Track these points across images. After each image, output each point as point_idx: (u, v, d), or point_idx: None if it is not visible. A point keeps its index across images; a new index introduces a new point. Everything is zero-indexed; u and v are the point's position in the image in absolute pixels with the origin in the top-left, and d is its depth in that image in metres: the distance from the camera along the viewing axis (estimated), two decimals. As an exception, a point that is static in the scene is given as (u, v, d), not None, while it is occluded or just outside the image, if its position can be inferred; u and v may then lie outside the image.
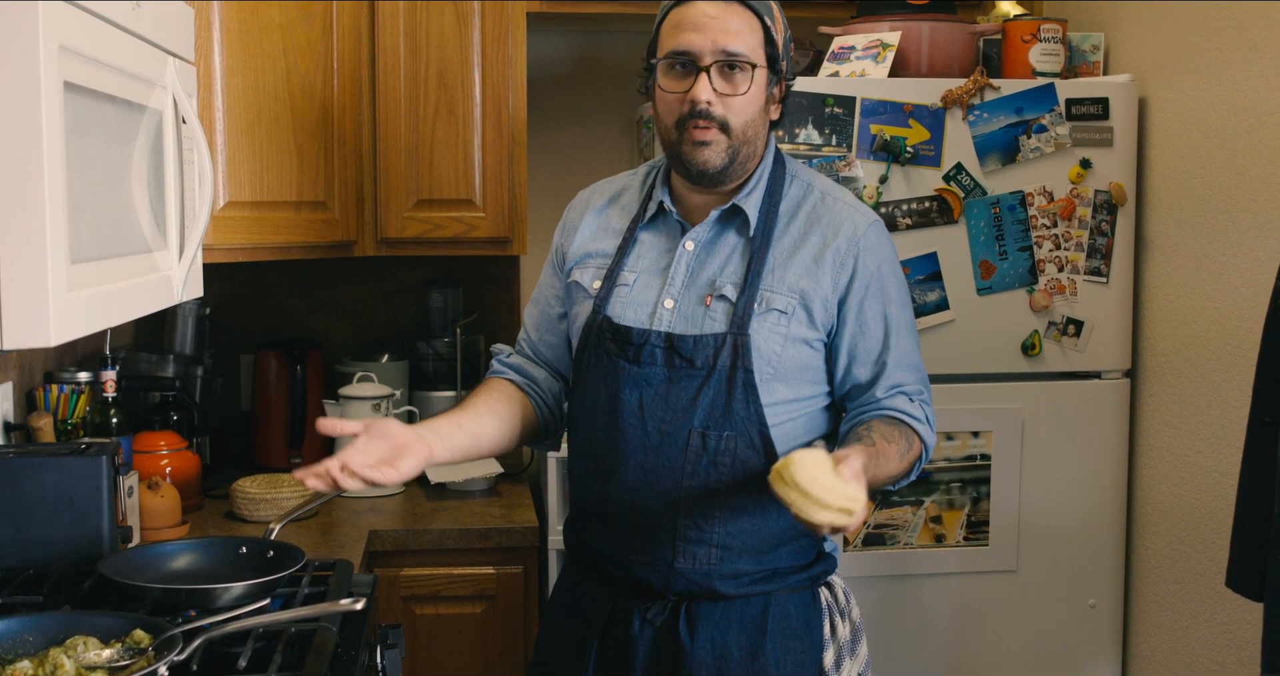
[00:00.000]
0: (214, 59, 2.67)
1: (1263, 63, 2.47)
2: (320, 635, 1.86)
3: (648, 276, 2.03)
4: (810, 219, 2.02)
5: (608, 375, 2.00)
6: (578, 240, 2.13)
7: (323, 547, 2.60)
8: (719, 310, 1.97)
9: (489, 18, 3.03)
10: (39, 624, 1.73)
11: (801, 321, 1.97)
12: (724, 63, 1.93)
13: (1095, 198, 2.81)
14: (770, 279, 1.97)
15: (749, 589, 2.00)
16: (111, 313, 1.55)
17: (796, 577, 2.03)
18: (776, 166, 2.06)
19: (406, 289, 3.51)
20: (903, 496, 2.76)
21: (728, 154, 1.96)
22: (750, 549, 1.99)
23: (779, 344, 1.96)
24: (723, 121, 1.94)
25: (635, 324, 2.00)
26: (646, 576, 2.00)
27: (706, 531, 1.97)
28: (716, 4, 1.94)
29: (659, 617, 2.00)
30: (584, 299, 2.07)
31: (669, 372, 1.96)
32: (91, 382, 2.68)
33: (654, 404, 1.96)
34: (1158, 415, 2.84)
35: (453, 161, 3.04)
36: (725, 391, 1.94)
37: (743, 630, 1.99)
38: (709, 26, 1.93)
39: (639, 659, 2.00)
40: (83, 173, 1.46)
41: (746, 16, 1.94)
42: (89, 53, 1.46)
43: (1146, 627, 2.89)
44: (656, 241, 2.06)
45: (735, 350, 1.94)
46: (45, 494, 2.11)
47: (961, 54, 2.88)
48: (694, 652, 1.97)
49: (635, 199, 2.13)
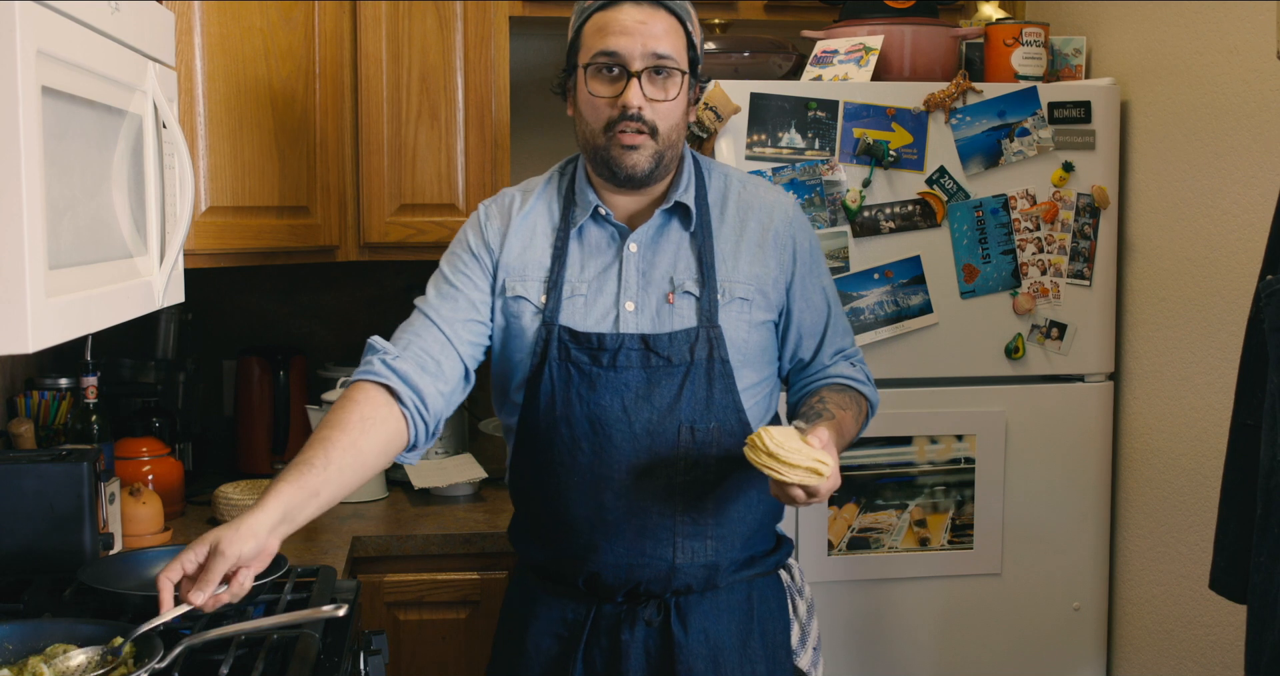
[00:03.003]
0: (195, 63, 2.66)
1: (1243, 65, 2.48)
2: (303, 642, 1.85)
3: (598, 283, 2.03)
4: (741, 207, 2.08)
5: (580, 385, 1.98)
6: (511, 248, 2.06)
7: (306, 554, 2.59)
8: (684, 306, 2.01)
9: (471, 22, 3.03)
10: (18, 632, 1.72)
11: (761, 306, 2.05)
12: (653, 68, 1.95)
13: (1078, 201, 2.82)
14: (725, 269, 2.03)
15: (734, 577, 2.05)
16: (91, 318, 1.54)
17: (766, 562, 2.11)
18: (694, 162, 2.11)
19: (389, 294, 3.50)
20: (886, 500, 2.77)
21: (654, 158, 1.99)
22: (738, 536, 2.05)
23: (745, 330, 2.03)
24: (652, 126, 1.97)
25: (601, 330, 2.00)
26: (646, 578, 2.00)
27: (702, 524, 2.01)
28: (642, 8, 1.96)
29: (656, 617, 2.02)
30: (532, 313, 2.02)
31: (646, 374, 1.98)
32: (73, 388, 2.66)
33: (636, 406, 1.97)
34: (1141, 418, 2.84)
35: (435, 166, 3.04)
36: (705, 384, 1.98)
37: (732, 618, 2.04)
38: (638, 31, 1.95)
39: (633, 663, 2.01)
40: (62, 178, 1.45)
41: (670, 21, 1.97)
42: (67, 57, 1.45)
43: (1131, 630, 2.90)
44: (593, 248, 2.06)
45: (710, 342, 1.99)
46: (26, 500, 2.10)
47: (944, 58, 2.89)
48: (689, 645, 2.01)
49: (554, 205, 2.10)
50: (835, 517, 2.75)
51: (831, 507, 2.74)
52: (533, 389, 2.02)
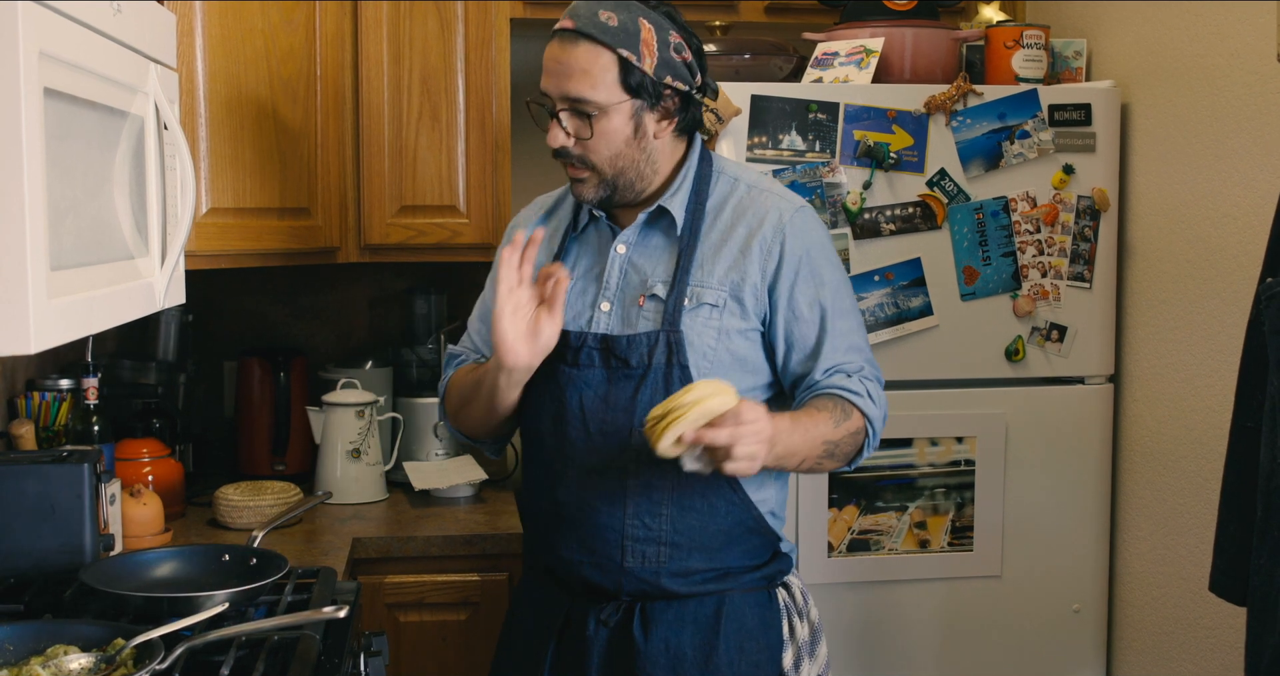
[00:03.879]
0: (196, 65, 2.66)
1: (1243, 68, 2.48)
2: (303, 643, 1.85)
3: (584, 282, 2.07)
4: (737, 211, 2.05)
5: (551, 381, 2.03)
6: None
7: (306, 555, 2.59)
8: (651, 309, 2.00)
9: (472, 23, 3.03)
10: (19, 633, 1.72)
11: (734, 313, 2.00)
12: (570, 109, 1.95)
13: (1078, 203, 2.82)
14: (699, 274, 2.01)
15: (701, 587, 2.02)
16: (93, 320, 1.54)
17: (750, 577, 2.06)
18: (703, 165, 2.08)
19: (390, 295, 3.50)
20: (887, 502, 2.77)
21: (601, 187, 2.01)
22: (699, 545, 2.01)
23: (713, 337, 1.99)
24: (582, 159, 1.98)
25: (574, 328, 2.03)
26: (597, 577, 2.02)
27: (654, 530, 1.99)
28: (565, 45, 1.94)
29: (613, 618, 2.03)
30: None
31: (607, 374, 1.99)
32: (73, 390, 2.66)
33: (594, 405, 1.99)
34: (1141, 420, 2.84)
35: (436, 167, 3.04)
36: (664, 389, 1.96)
37: (696, 630, 2.01)
38: (555, 71, 1.95)
39: (594, 660, 2.03)
40: (63, 179, 1.45)
41: (595, 54, 1.92)
42: (69, 58, 1.45)
43: (1130, 632, 2.90)
44: (589, 247, 2.10)
45: (669, 347, 1.97)
46: (27, 502, 2.10)
47: (944, 60, 2.89)
48: (648, 653, 2.00)
49: (569, 210, 2.16)
50: (835, 519, 2.75)
51: (831, 509, 2.74)
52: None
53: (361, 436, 3.03)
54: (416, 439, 3.23)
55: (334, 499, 3.00)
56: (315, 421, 3.06)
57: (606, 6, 1.93)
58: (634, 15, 1.94)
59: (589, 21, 1.92)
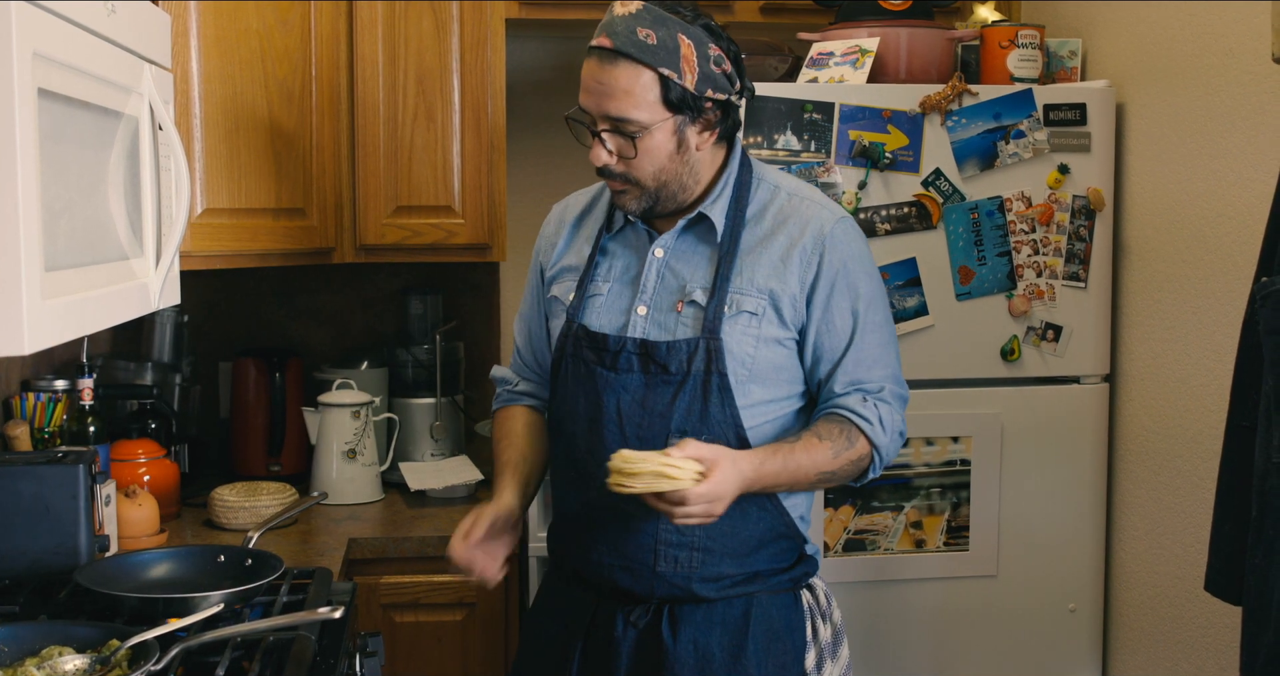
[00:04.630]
0: (191, 65, 2.66)
1: (1238, 68, 2.49)
2: (299, 643, 1.85)
3: (620, 285, 2.06)
4: (777, 219, 2.03)
5: (586, 382, 2.02)
6: (555, 256, 2.16)
7: (301, 555, 2.59)
8: (690, 315, 1.98)
9: (468, 24, 3.03)
10: (14, 634, 1.72)
11: (772, 322, 1.98)
12: (612, 128, 1.93)
13: (1073, 203, 2.82)
14: (739, 281, 1.99)
15: (730, 591, 2.01)
16: (87, 320, 1.53)
17: (777, 579, 2.05)
18: (743, 171, 2.06)
19: (385, 296, 3.50)
20: (883, 502, 2.77)
21: (644, 200, 1.99)
22: (730, 551, 2.00)
23: (751, 345, 1.97)
24: (624, 177, 1.97)
25: (611, 331, 2.02)
26: (628, 582, 2.01)
27: (687, 535, 1.98)
28: (605, 65, 1.90)
29: (642, 620, 2.02)
30: (560, 311, 2.10)
31: (645, 379, 1.98)
32: (69, 391, 2.66)
33: (631, 410, 1.98)
34: (1136, 420, 2.85)
35: (432, 168, 3.04)
36: (701, 396, 1.95)
37: (725, 631, 2.01)
38: (595, 90, 1.92)
39: (622, 661, 2.01)
40: (58, 180, 1.45)
41: (635, 74, 1.89)
42: (64, 59, 1.45)
43: (1126, 632, 2.90)
44: (626, 250, 2.09)
45: (709, 354, 1.95)
46: (22, 503, 2.10)
47: (940, 60, 2.89)
48: (676, 653, 1.99)
49: (604, 210, 2.14)
50: (831, 519, 2.75)
51: (827, 509, 2.74)
52: (554, 382, 2.09)
53: (357, 437, 3.03)
54: (412, 439, 3.23)
55: (329, 499, 2.99)
56: (311, 422, 3.06)
57: (645, 23, 1.89)
58: (673, 32, 1.90)
59: (627, 40, 1.88)
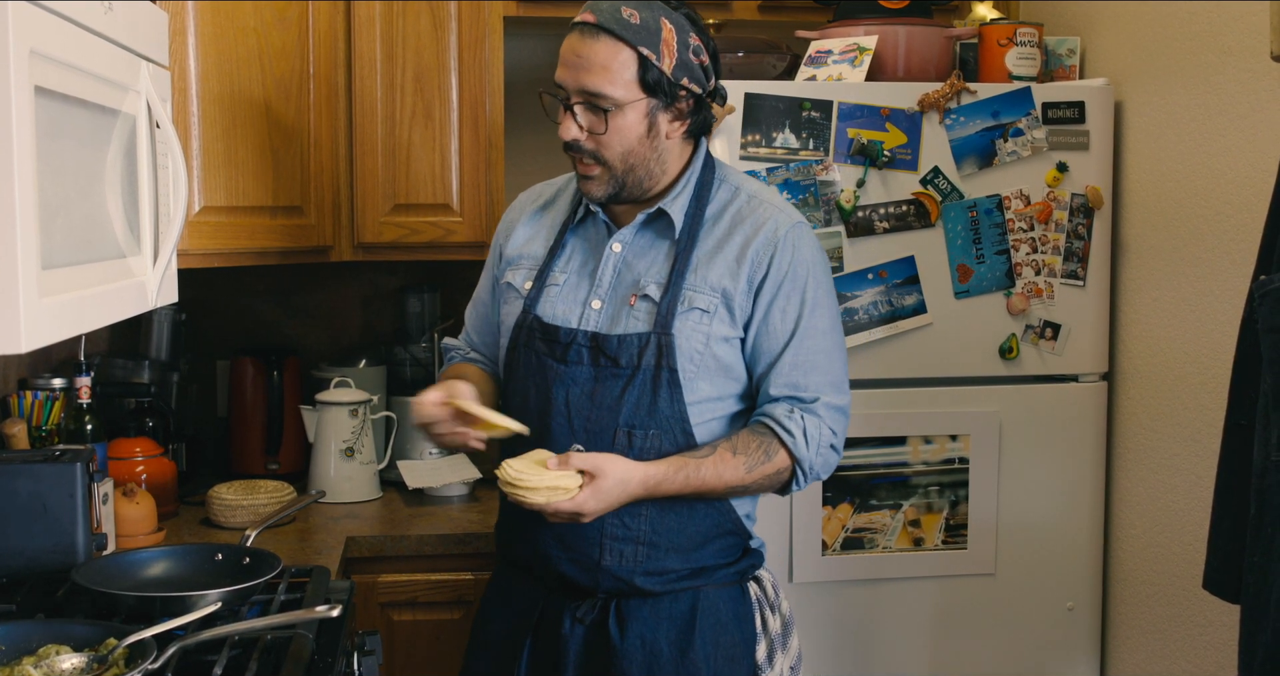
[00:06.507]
0: (189, 63, 2.66)
1: (1237, 66, 2.48)
2: (297, 642, 1.85)
3: (577, 277, 2.08)
4: (735, 220, 2.05)
5: (537, 374, 2.05)
6: (513, 243, 2.19)
7: (299, 554, 2.59)
8: (643, 310, 2.01)
9: (465, 22, 3.02)
10: (11, 632, 1.71)
11: (724, 320, 2.01)
12: (585, 103, 1.95)
13: (1072, 201, 2.82)
14: (693, 278, 2.01)
15: (675, 585, 2.04)
16: (84, 319, 1.53)
17: (723, 573, 2.08)
18: (706, 171, 2.09)
19: (383, 294, 3.49)
20: (881, 500, 2.77)
21: (610, 184, 2.02)
22: (676, 546, 2.03)
23: (701, 342, 2.00)
24: (595, 155, 1.99)
25: (563, 323, 2.05)
26: (574, 574, 2.03)
27: (633, 529, 2.01)
28: (586, 39, 1.94)
29: (589, 616, 2.04)
30: (515, 299, 2.13)
31: (595, 371, 2.01)
32: (66, 389, 2.66)
33: (580, 402, 2.01)
34: (1135, 418, 2.84)
35: (429, 166, 3.04)
36: (650, 390, 1.98)
37: (672, 626, 2.03)
38: (573, 64, 1.95)
39: (570, 657, 2.04)
40: (55, 178, 1.44)
41: (615, 50, 1.93)
42: (61, 57, 1.45)
43: (1124, 630, 2.90)
44: (586, 244, 2.11)
45: (659, 349, 1.98)
46: (19, 501, 2.10)
47: (938, 58, 2.89)
48: (624, 649, 2.02)
49: (568, 202, 2.17)
50: (830, 518, 2.75)
51: (826, 508, 2.74)
52: (505, 371, 2.12)
53: (355, 435, 3.03)
54: (410, 437, 3.23)
55: (327, 498, 2.99)
56: (309, 420, 3.06)
57: (629, 4, 1.94)
58: (656, 14, 1.94)
59: (611, 17, 1.92)
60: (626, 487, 1.90)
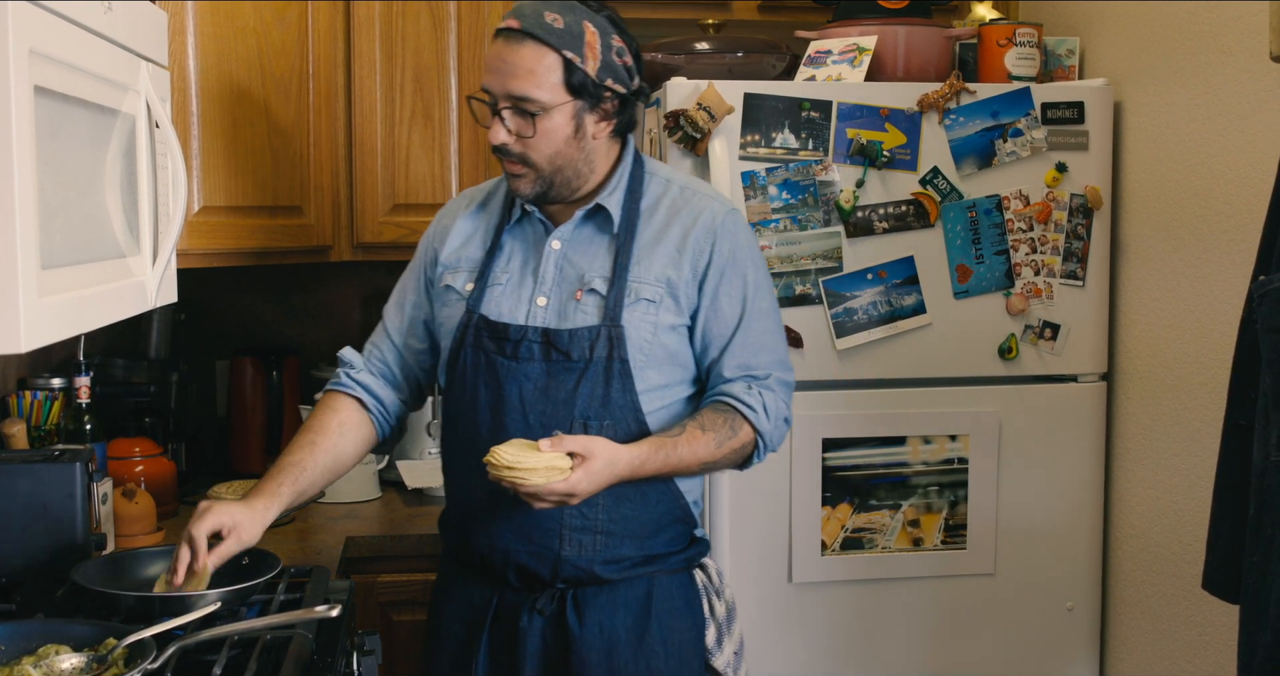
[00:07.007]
0: (188, 63, 2.65)
1: (1236, 66, 2.49)
2: (296, 642, 1.85)
3: (519, 276, 2.11)
4: (671, 211, 2.10)
5: (487, 372, 2.07)
6: (449, 246, 2.20)
7: (299, 554, 2.59)
8: (590, 303, 2.05)
9: (465, 22, 3.02)
10: (11, 632, 1.71)
11: (670, 309, 2.06)
12: (513, 107, 1.99)
13: (1071, 201, 2.82)
14: (638, 270, 2.06)
15: (629, 572, 2.07)
16: (84, 318, 1.53)
17: (674, 560, 2.12)
18: (636, 167, 2.14)
19: (382, 294, 3.46)
20: (880, 500, 2.77)
21: (538, 184, 2.05)
22: (631, 534, 2.07)
23: (649, 332, 2.04)
24: (522, 157, 2.02)
25: (511, 320, 2.07)
26: (534, 566, 2.05)
27: (591, 519, 2.04)
28: (511, 44, 1.98)
29: (548, 607, 2.07)
30: (455, 300, 2.15)
31: (547, 366, 2.04)
32: (65, 389, 2.66)
33: (534, 398, 2.03)
34: (1134, 418, 2.85)
35: (429, 166, 3.04)
36: (604, 381, 2.02)
37: (629, 613, 2.07)
38: (499, 69, 1.99)
39: (529, 649, 2.06)
40: (54, 177, 1.44)
41: (540, 55, 1.97)
42: (60, 56, 1.45)
43: (1124, 630, 2.90)
44: (524, 243, 2.14)
45: (610, 341, 2.02)
46: (18, 501, 2.09)
47: (937, 58, 2.89)
48: (583, 637, 2.05)
49: (500, 204, 2.20)
50: (829, 518, 2.75)
51: (825, 508, 2.74)
52: (449, 372, 2.13)
53: (354, 435, 3.02)
54: (410, 437, 3.23)
55: (327, 497, 2.99)
56: (308, 419, 3.05)
57: (552, 8, 1.98)
58: (579, 18, 1.99)
59: (535, 22, 1.97)
60: (614, 468, 1.93)
